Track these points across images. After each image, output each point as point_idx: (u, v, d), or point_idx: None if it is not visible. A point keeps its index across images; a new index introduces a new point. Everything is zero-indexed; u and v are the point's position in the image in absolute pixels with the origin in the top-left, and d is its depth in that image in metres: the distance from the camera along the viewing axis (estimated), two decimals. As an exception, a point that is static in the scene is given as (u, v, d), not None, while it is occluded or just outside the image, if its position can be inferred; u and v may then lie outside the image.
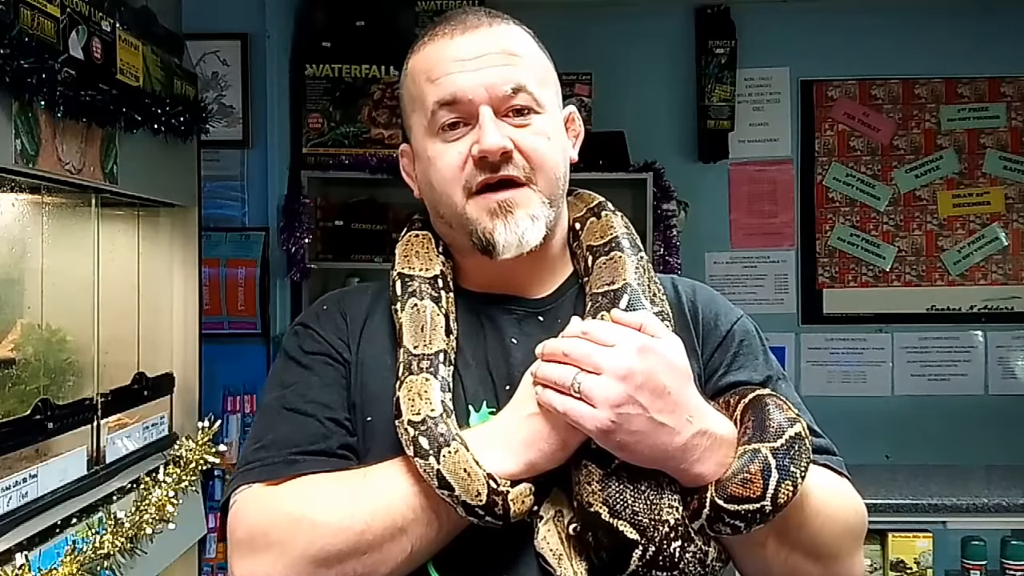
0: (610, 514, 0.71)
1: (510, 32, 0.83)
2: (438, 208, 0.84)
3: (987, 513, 2.04)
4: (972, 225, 3.05)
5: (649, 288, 0.82)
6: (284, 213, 2.60)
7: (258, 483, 0.76)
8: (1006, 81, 3.03)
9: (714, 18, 2.98)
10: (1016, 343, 3.03)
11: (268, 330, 2.56)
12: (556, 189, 0.83)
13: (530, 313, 0.85)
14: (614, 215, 0.88)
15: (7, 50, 1.25)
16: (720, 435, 0.73)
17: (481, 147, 0.78)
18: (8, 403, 1.47)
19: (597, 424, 0.69)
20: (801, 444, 0.72)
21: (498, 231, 0.79)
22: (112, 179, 1.62)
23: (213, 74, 2.54)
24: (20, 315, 1.61)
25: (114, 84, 1.57)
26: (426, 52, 0.83)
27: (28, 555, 1.30)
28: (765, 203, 3.08)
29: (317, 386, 0.82)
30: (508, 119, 0.80)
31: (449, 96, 0.79)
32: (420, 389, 0.75)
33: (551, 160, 0.82)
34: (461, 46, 0.81)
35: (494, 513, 0.71)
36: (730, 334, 0.86)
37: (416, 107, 0.83)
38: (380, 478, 0.75)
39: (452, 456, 0.71)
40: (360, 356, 0.83)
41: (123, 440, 1.73)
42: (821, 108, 3.08)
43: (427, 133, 0.82)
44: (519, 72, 0.81)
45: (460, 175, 0.80)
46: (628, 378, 0.69)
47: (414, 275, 0.83)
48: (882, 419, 2.93)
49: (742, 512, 0.70)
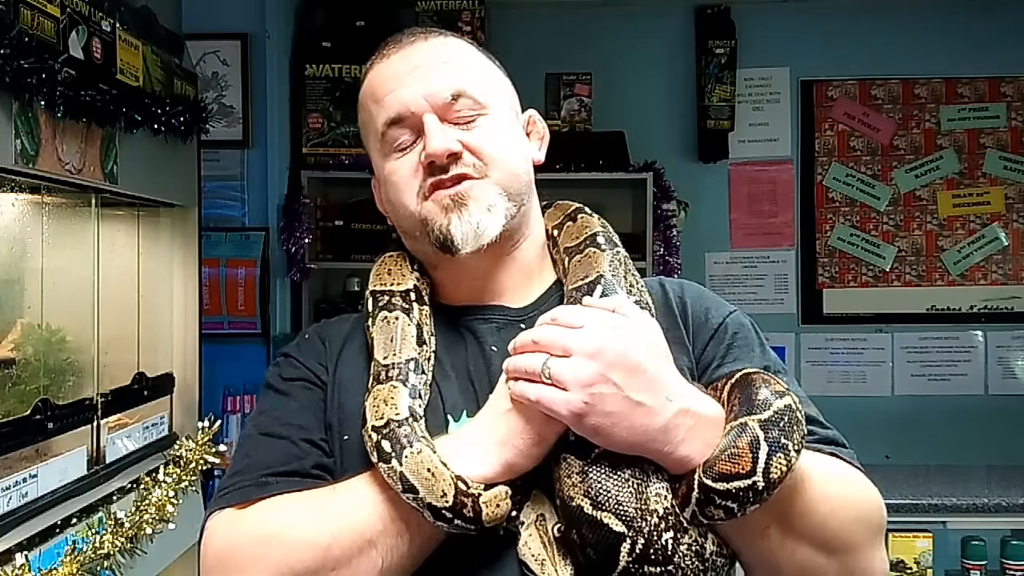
0: (593, 506, 0.67)
1: (446, 43, 0.84)
2: (400, 222, 0.84)
3: (987, 513, 2.05)
4: (972, 225, 3.05)
5: (625, 279, 0.79)
6: (284, 213, 2.60)
7: (229, 508, 0.75)
8: (1006, 81, 3.03)
9: (714, 18, 2.98)
10: (1016, 343, 3.03)
11: (268, 330, 2.56)
12: (515, 183, 0.82)
13: (511, 321, 0.83)
14: (590, 216, 0.87)
15: (7, 50, 1.25)
16: (704, 414, 0.69)
17: (427, 151, 0.78)
18: (8, 403, 1.47)
19: (569, 408, 0.66)
20: (791, 415, 0.67)
21: (453, 224, 0.78)
22: (112, 179, 1.62)
23: (213, 74, 2.54)
24: (20, 315, 1.61)
25: (114, 84, 1.57)
26: (370, 78, 0.85)
27: (28, 555, 1.30)
28: (765, 203, 3.08)
29: (293, 409, 0.81)
30: (456, 126, 0.80)
31: (394, 113, 0.80)
32: (386, 396, 0.74)
33: (504, 154, 0.81)
34: (397, 62, 0.82)
35: (463, 516, 0.68)
36: (722, 326, 0.83)
37: (370, 132, 0.85)
38: (347, 492, 0.73)
39: (415, 456, 0.68)
40: (337, 376, 0.82)
41: (123, 440, 1.73)
42: (821, 108, 3.08)
43: (382, 154, 0.83)
44: (456, 77, 0.81)
45: (413, 183, 0.80)
46: (598, 355, 0.66)
47: (385, 290, 0.83)
48: (882, 419, 2.93)
49: (733, 491, 0.65)
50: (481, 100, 0.81)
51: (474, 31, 2.77)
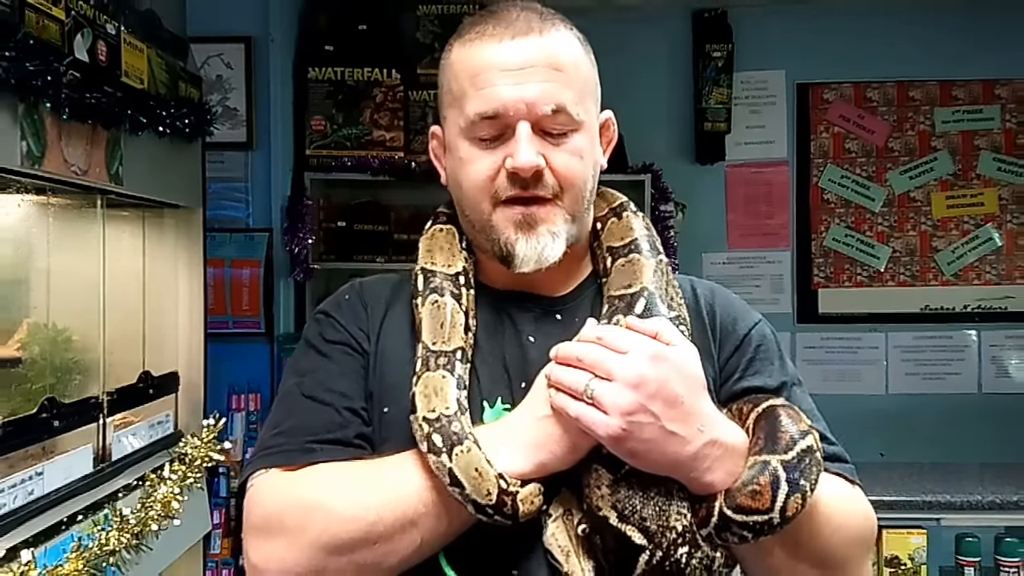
0: (618, 519, 0.72)
1: (559, 40, 0.81)
2: (464, 208, 0.85)
3: (981, 510, 2.06)
4: (966, 226, 3.07)
5: (667, 292, 0.81)
6: (287, 214, 2.61)
7: (275, 468, 0.77)
8: (1000, 84, 3.05)
9: (711, 22, 3.00)
10: (1009, 342, 3.05)
11: (272, 329, 2.58)
12: (581, 206, 0.83)
13: (548, 311, 0.85)
14: (635, 216, 0.89)
15: (13, 53, 1.26)
16: (731, 445, 0.73)
17: (515, 164, 0.78)
18: (15, 401, 1.48)
19: (608, 431, 0.69)
20: (812, 457, 0.72)
21: (519, 245, 0.80)
22: (117, 180, 1.62)
23: (217, 77, 2.56)
24: (26, 315, 1.63)
25: (119, 86, 1.58)
26: (472, 51, 0.81)
27: (34, 552, 1.30)
28: (761, 204, 3.10)
29: (336, 374, 0.82)
30: (545, 137, 0.80)
31: (491, 111, 0.79)
32: (436, 386, 0.76)
33: (581, 179, 0.82)
34: (508, 54, 0.79)
35: (503, 513, 0.72)
36: (747, 339, 0.86)
37: (454, 104, 0.82)
38: (394, 470, 0.75)
39: (464, 455, 0.72)
40: (380, 347, 0.84)
41: (129, 438, 1.74)
42: (817, 111, 3.10)
43: (462, 134, 0.82)
44: (562, 90, 0.80)
45: (491, 185, 0.80)
46: (640, 386, 0.69)
47: (436, 271, 0.84)
48: (877, 417, 2.95)
49: (750, 523, 0.70)
50: (577, 116, 0.81)
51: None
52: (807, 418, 0.76)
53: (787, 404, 0.77)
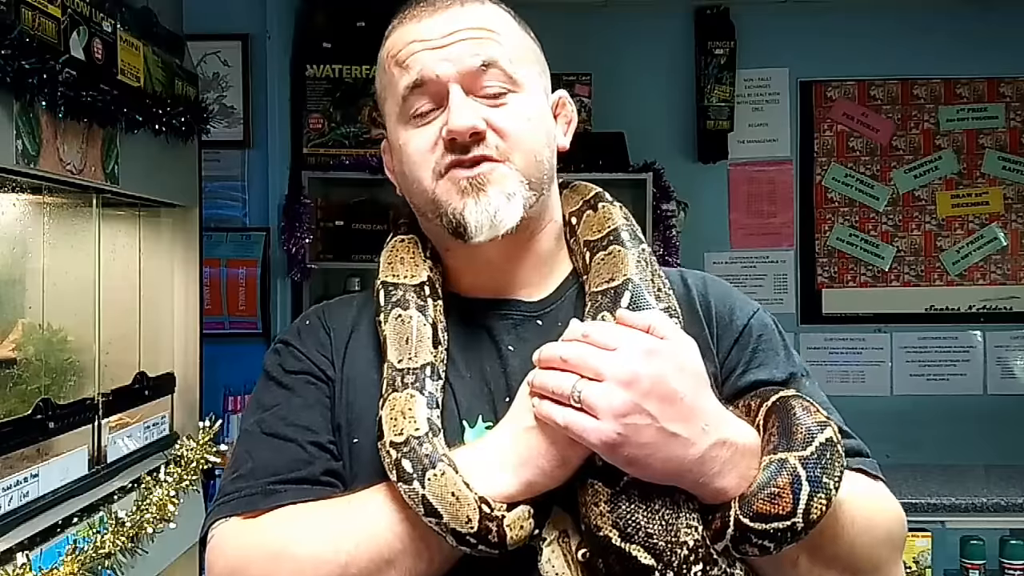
0: (621, 538, 0.64)
1: (483, 10, 0.77)
2: (412, 197, 0.78)
3: (986, 513, 2.05)
4: (971, 225, 3.06)
5: (653, 283, 0.74)
6: (285, 213, 2.60)
7: (235, 516, 0.71)
8: (1005, 82, 3.04)
9: (714, 19, 2.99)
10: (1014, 343, 3.03)
11: (269, 330, 2.57)
12: (538, 171, 0.76)
13: (527, 317, 0.78)
14: (612, 206, 0.81)
15: (8, 51, 1.25)
16: (742, 444, 0.66)
17: (449, 127, 0.72)
18: (9, 403, 1.47)
19: (601, 437, 0.62)
20: (833, 451, 0.64)
21: (468, 209, 0.73)
22: (113, 179, 1.62)
23: (214, 75, 2.55)
24: (21, 315, 1.62)
25: (115, 84, 1.57)
26: (394, 37, 0.78)
27: (29, 554, 1.30)
28: (764, 203, 3.08)
29: (298, 407, 0.76)
30: (483, 100, 0.74)
31: (417, 77, 0.74)
32: (404, 407, 0.69)
33: (530, 138, 0.75)
34: (428, 26, 0.75)
35: (488, 541, 0.65)
36: (747, 329, 0.79)
37: (388, 94, 0.78)
38: (365, 506, 0.69)
39: (438, 479, 0.65)
40: (345, 373, 0.77)
41: (124, 440, 1.73)
42: (820, 108, 3.08)
43: (399, 120, 0.77)
44: (490, 47, 0.74)
45: (430, 158, 0.74)
46: (633, 384, 0.62)
47: (398, 283, 0.77)
48: (881, 419, 2.92)
49: (771, 531, 0.63)
50: (514, 75, 0.75)
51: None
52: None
53: (799, 395, 0.70)
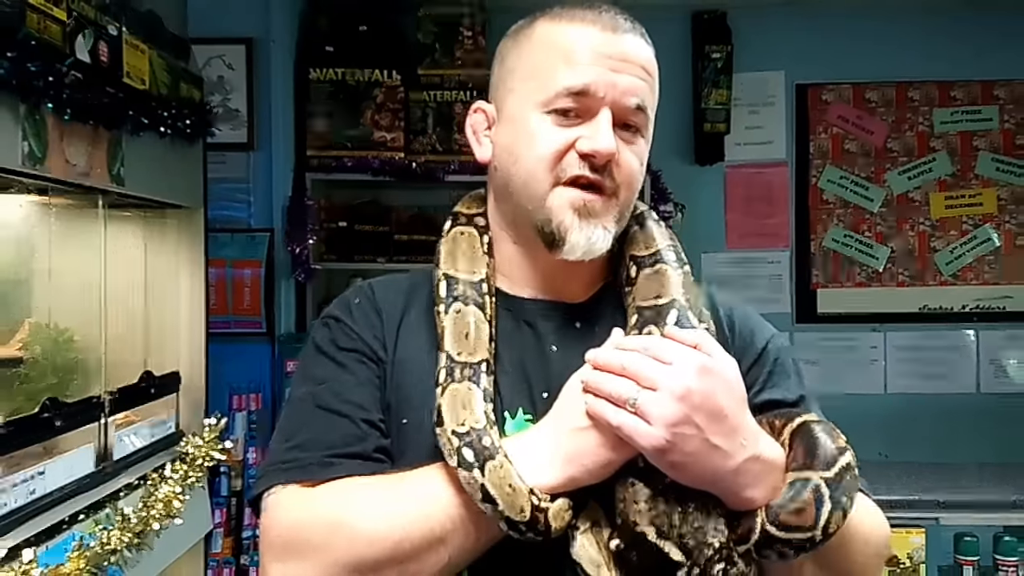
0: (657, 535, 0.71)
1: (648, 50, 0.83)
2: (512, 181, 0.81)
3: (979, 510, 2.06)
4: (964, 226, 3.08)
5: (696, 305, 0.80)
6: (288, 214, 2.62)
7: (293, 484, 0.75)
8: (999, 84, 3.06)
9: (711, 23, 3.01)
10: (1007, 343, 3.05)
11: (273, 329, 2.59)
12: (629, 209, 0.83)
13: (568, 319, 0.84)
14: (657, 225, 0.87)
15: (14, 54, 1.26)
16: (771, 460, 0.72)
17: (595, 147, 0.77)
18: (16, 401, 1.49)
19: (652, 442, 0.68)
20: (851, 475, 0.72)
21: (574, 231, 0.78)
22: (119, 181, 1.63)
23: (219, 78, 2.57)
24: (28, 315, 1.64)
25: (120, 87, 1.58)
26: (567, 29, 0.80)
27: (36, 551, 1.31)
28: (760, 205, 3.10)
29: (351, 385, 0.79)
30: (619, 131, 0.79)
31: (583, 86, 0.78)
32: (464, 398, 0.74)
33: (637, 181, 0.82)
34: (608, 40, 0.79)
35: (536, 529, 0.70)
36: (766, 351, 0.86)
37: (534, 76, 0.80)
38: (419, 486, 0.73)
39: (497, 471, 0.70)
40: (397, 356, 0.81)
41: (130, 437, 1.74)
42: (815, 111, 3.11)
43: (537, 105, 0.79)
44: (646, 93, 0.81)
45: (556, 162, 0.78)
46: (686, 398, 0.68)
47: (459, 278, 0.81)
48: (876, 417, 2.95)
49: (793, 541, 0.70)
50: (648, 123, 0.82)
51: (475, 36, 2.80)
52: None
53: (822, 420, 0.77)
